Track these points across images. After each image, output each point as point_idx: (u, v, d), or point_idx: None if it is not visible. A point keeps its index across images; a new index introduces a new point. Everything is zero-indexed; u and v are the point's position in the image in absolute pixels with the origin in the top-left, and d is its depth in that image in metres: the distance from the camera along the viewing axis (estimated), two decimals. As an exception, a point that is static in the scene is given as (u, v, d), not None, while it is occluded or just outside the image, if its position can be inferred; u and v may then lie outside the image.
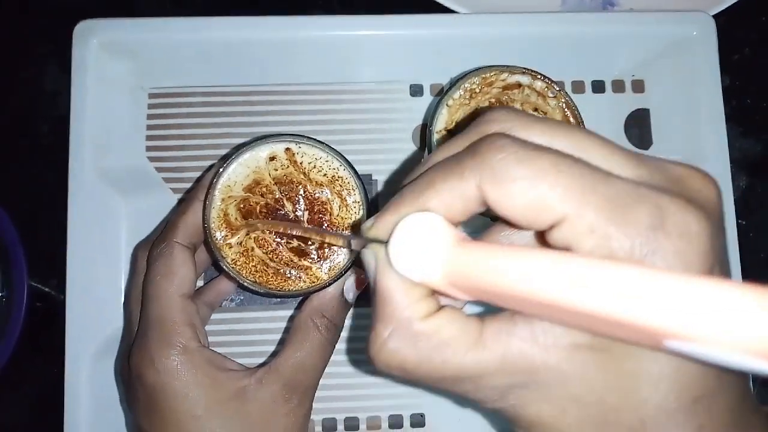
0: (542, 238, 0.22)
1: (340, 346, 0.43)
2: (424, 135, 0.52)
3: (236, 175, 0.40)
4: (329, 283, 0.40)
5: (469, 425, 0.49)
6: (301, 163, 0.41)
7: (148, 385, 0.36)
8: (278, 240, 0.40)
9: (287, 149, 0.41)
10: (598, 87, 0.54)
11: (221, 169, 0.39)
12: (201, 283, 0.49)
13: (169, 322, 0.37)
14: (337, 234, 0.30)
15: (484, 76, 0.42)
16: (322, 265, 0.40)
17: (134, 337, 0.39)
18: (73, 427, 0.45)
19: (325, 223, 0.41)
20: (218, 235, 0.39)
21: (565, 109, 0.42)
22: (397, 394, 0.49)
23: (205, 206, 0.39)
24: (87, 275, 0.47)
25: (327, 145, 0.41)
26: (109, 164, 0.49)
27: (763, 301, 0.15)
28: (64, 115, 0.48)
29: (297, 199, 0.40)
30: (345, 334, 0.43)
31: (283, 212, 0.40)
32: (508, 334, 0.22)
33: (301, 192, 0.41)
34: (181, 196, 0.51)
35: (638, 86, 0.54)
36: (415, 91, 0.53)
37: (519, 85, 0.42)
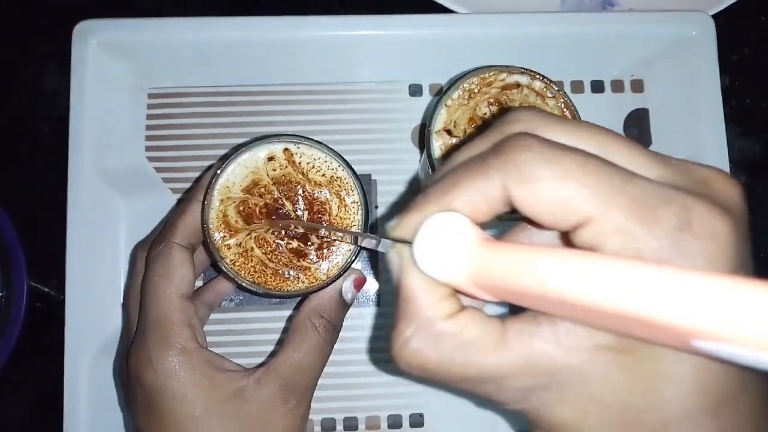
0: (566, 239, 0.22)
1: (339, 346, 0.43)
2: (423, 135, 0.52)
3: (235, 176, 0.40)
4: (328, 284, 0.40)
5: (468, 425, 0.49)
6: (299, 164, 0.41)
7: (147, 385, 0.37)
8: (278, 240, 0.40)
9: (286, 149, 0.41)
10: (597, 87, 0.54)
11: (219, 170, 0.39)
12: (200, 284, 0.49)
13: (167, 322, 0.37)
14: (362, 234, 0.30)
15: (482, 76, 0.42)
16: (321, 266, 0.40)
17: (133, 338, 0.39)
18: (73, 427, 0.45)
19: (324, 224, 0.41)
20: (217, 236, 0.39)
21: (564, 110, 0.42)
22: (397, 394, 0.49)
23: (204, 207, 0.39)
24: (86, 275, 0.47)
25: (325, 146, 0.41)
26: (109, 164, 0.49)
27: None
28: (64, 115, 0.48)
29: (296, 199, 0.40)
30: (344, 335, 0.43)
31: (283, 212, 0.40)
32: (530, 334, 0.21)
33: (300, 192, 0.41)
34: (181, 196, 0.51)
35: (637, 86, 0.54)
36: (415, 91, 0.53)
37: (518, 85, 0.42)
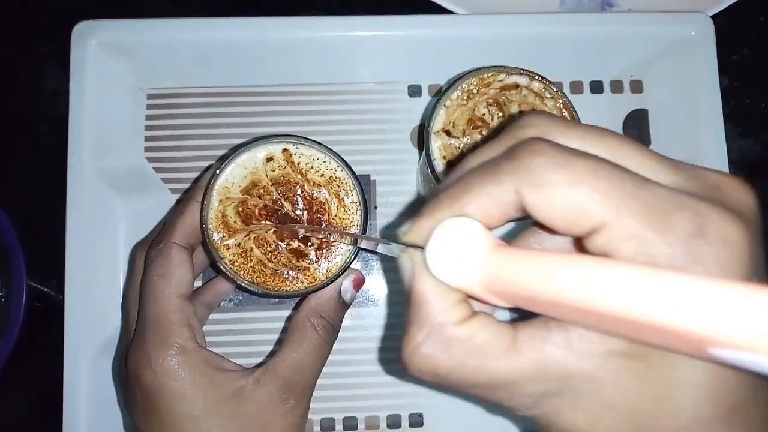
0: (579, 244, 0.22)
1: (338, 346, 0.43)
2: (421, 135, 0.52)
3: (234, 176, 0.40)
4: (327, 284, 0.40)
5: (467, 425, 0.49)
6: (298, 164, 0.41)
7: (146, 385, 0.37)
8: (278, 241, 0.40)
9: (284, 150, 0.41)
10: (597, 87, 0.54)
11: (218, 171, 0.39)
12: (199, 284, 0.49)
13: (166, 322, 0.37)
14: (379, 239, 0.30)
15: (481, 77, 0.42)
16: (320, 266, 0.40)
17: (132, 338, 0.39)
18: (72, 427, 0.46)
19: (323, 224, 0.41)
20: (216, 236, 0.39)
21: (563, 110, 0.42)
22: (396, 394, 0.49)
23: (203, 207, 0.39)
24: (86, 275, 0.47)
25: (324, 146, 0.41)
26: (108, 164, 0.49)
27: None
28: (64, 116, 0.48)
29: (294, 199, 0.41)
30: (343, 334, 0.43)
31: (282, 212, 0.40)
32: (542, 340, 0.21)
33: (299, 192, 0.41)
34: (180, 196, 0.51)
35: (637, 87, 0.54)
36: (414, 91, 0.53)
37: (516, 86, 0.42)
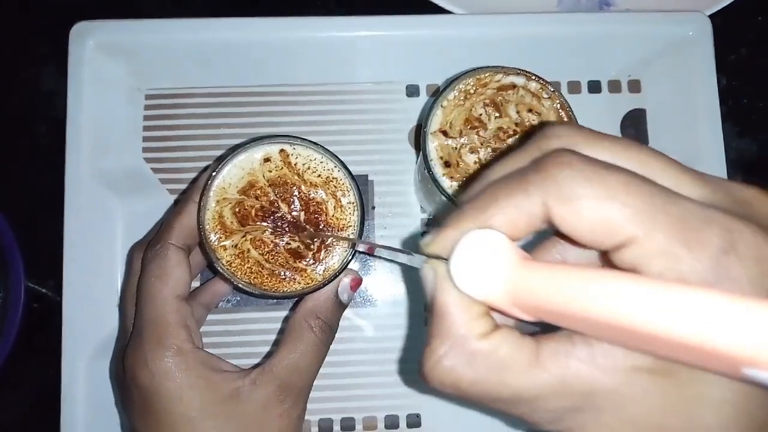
0: (605, 257, 0.21)
1: (336, 347, 0.43)
2: (419, 136, 0.52)
3: (231, 177, 0.40)
4: (324, 285, 0.40)
5: (465, 425, 0.49)
6: (295, 165, 0.41)
7: (143, 386, 0.37)
8: (275, 241, 0.40)
9: (282, 150, 0.41)
10: (595, 87, 0.54)
11: (215, 171, 0.39)
12: (197, 285, 0.49)
13: (163, 323, 0.37)
14: (401, 250, 0.29)
15: (478, 77, 0.42)
16: (317, 267, 0.40)
17: (129, 339, 0.39)
18: (70, 428, 0.46)
19: (321, 224, 0.41)
20: (213, 237, 0.39)
21: (560, 110, 0.42)
22: (394, 395, 0.49)
23: (200, 208, 0.39)
24: (83, 276, 0.47)
25: (321, 146, 0.41)
26: (106, 165, 0.49)
27: None
28: (63, 116, 0.48)
29: (292, 200, 0.41)
30: (340, 335, 0.43)
31: (279, 214, 0.40)
32: (566, 355, 0.21)
33: (296, 193, 0.41)
34: (177, 197, 0.51)
35: (634, 86, 0.54)
36: (412, 91, 0.53)
37: (513, 86, 0.42)
